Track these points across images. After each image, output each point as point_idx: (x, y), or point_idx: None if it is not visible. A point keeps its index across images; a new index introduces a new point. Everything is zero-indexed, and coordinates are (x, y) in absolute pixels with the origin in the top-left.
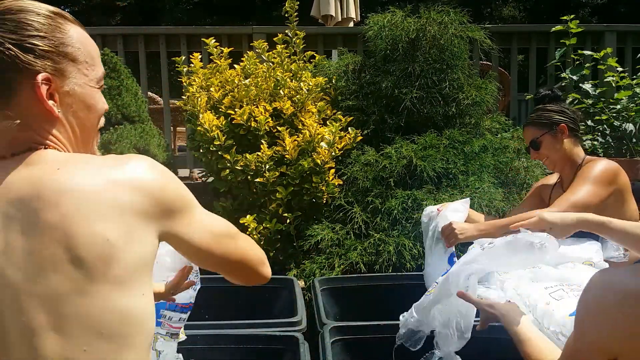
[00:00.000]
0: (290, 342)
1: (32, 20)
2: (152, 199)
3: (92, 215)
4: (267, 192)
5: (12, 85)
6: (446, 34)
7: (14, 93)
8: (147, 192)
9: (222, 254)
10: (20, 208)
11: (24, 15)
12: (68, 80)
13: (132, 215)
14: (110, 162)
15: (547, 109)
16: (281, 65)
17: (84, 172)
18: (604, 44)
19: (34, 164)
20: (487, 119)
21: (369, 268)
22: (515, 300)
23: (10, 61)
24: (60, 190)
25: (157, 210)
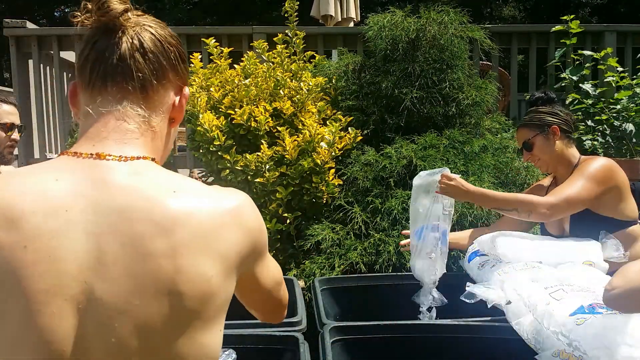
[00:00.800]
0: (290, 342)
1: (177, 39)
2: (252, 241)
3: (201, 250)
4: (267, 192)
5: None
6: (446, 34)
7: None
8: (250, 233)
9: (274, 298)
10: (124, 221)
11: (171, 31)
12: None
13: (233, 255)
14: (217, 195)
15: (539, 111)
16: (281, 65)
17: (199, 202)
18: (604, 44)
19: (143, 175)
20: (487, 119)
21: (369, 268)
22: (515, 301)
23: (172, 63)
24: (175, 218)
25: (251, 252)
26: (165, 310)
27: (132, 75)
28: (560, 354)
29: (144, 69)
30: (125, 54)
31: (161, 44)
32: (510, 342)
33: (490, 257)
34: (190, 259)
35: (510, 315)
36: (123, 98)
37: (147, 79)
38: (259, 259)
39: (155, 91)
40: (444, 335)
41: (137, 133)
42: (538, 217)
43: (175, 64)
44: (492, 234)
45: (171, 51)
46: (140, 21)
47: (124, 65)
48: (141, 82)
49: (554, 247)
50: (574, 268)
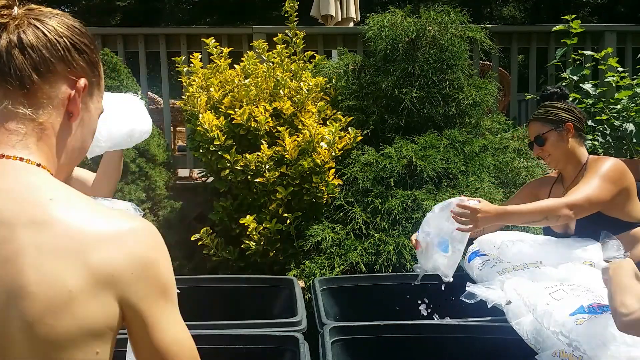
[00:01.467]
0: (290, 342)
1: (81, 27)
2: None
3: (64, 255)
4: (267, 192)
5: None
6: (446, 34)
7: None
8: (137, 259)
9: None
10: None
11: (73, 21)
12: (93, 98)
13: (106, 272)
14: (107, 213)
15: (555, 106)
16: (281, 65)
17: (74, 211)
18: (604, 44)
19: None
20: (487, 119)
21: (369, 268)
22: (515, 301)
23: (61, 54)
24: (45, 220)
25: (138, 282)
26: (21, 315)
27: (9, 72)
28: (560, 354)
29: (22, 65)
30: (2, 52)
31: (46, 37)
32: (510, 342)
33: (490, 257)
34: (47, 262)
35: (510, 315)
36: (4, 98)
37: (26, 75)
38: (152, 298)
39: (39, 87)
40: (444, 335)
41: (21, 133)
42: (565, 219)
43: (64, 54)
44: (492, 233)
45: (59, 42)
46: (28, 15)
47: (1, 64)
48: (19, 78)
49: (554, 247)
50: (574, 268)
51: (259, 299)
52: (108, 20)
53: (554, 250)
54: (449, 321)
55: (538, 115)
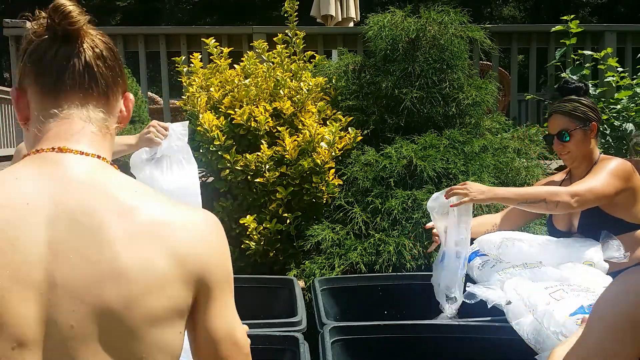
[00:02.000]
0: (290, 342)
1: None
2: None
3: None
4: (267, 192)
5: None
6: (446, 34)
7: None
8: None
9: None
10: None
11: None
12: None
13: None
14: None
15: (583, 103)
16: (281, 65)
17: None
18: (604, 44)
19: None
20: (487, 119)
21: (369, 268)
22: (515, 301)
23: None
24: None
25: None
26: (119, 296)
27: (97, 81)
28: None
29: (107, 75)
30: (90, 61)
31: (112, 53)
32: (510, 342)
33: (490, 257)
34: (139, 247)
35: (510, 315)
36: (88, 103)
37: (109, 84)
38: (222, 285)
39: (114, 96)
40: (444, 335)
41: (99, 135)
42: (564, 207)
43: (120, 71)
44: (493, 233)
45: (117, 58)
46: (89, 31)
47: (90, 72)
48: (104, 87)
49: (554, 247)
50: (574, 268)
51: (259, 299)
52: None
53: (554, 250)
54: (449, 321)
55: (565, 109)
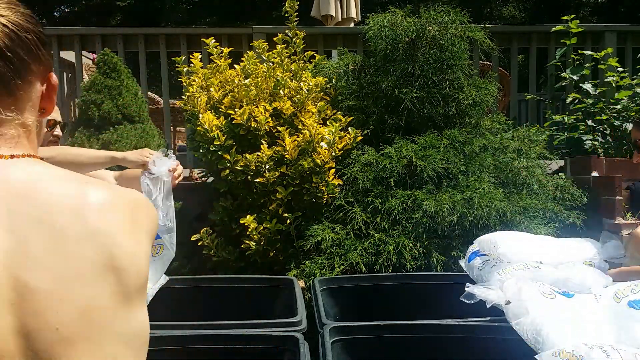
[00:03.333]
0: (290, 342)
1: (32, 14)
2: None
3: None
4: (267, 192)
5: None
6: (446, 34)
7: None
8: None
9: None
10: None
11: (24, 9)
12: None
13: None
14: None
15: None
16: (281, 65)
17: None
18: (604, 43)
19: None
20: (487, 119)
21: (369, 268)
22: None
23: (34, 53)
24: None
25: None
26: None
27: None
28: (560, 353)
29: (6, 72)
30: None
31: (17, 36)
32: (510, 342)
33: (490, 257)
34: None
35: (510, 315)
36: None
37: (12, 81)
38: None
39: (23, 91)
40: (443, 335)
41: (15, 136)
42: None
43: (36, 52)
44: (492, 233)
45: (29, 40)
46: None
47: None
48: (6, 86)
49: (554, 247)
50: (574, 268)
51: (259, 299)
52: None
53: (554, 249)
54: (449, 321)
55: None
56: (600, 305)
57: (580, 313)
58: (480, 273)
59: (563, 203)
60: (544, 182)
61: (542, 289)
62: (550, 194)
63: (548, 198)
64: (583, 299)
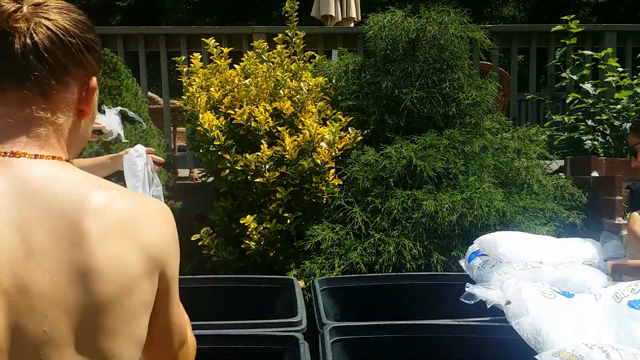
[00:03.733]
0: (290, 342)
1: (86, 20)
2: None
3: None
4: (267, 192)
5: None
6: (446, 34)
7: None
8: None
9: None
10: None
11: (78, 15)
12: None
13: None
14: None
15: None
16: (281, 65)
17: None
18: (604, 43)
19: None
20: (487, 119)
21: (369, 268)
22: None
23: (75, 57)
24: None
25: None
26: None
27: (28, 79)
28: (560, 353)
29: (41, 71)
30: (18, 58)
31: (60, 40)
32: (510, 342)
33: (490, 257)
34: (113, 245)
35: (510, 315)
36: (24, 103)
37: (45, 81)
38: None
39: (57, 91)
40: (443, 335)
41: (44, 135)
42: None
43: (78, 57)
44: (492, 233)
45: (72, 44)
46: (38, 13)
47: (18, 70)
48: (39, 85)
49: (554, 247)
50: (574, 268)
51: (259, 299)
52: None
53: (555, 250)
54: (449, 321)
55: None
56: (600, 305)
57: (580, 313)
58: (480, 273)
59: (563, 203)
60: (544, 182)
61: (542, 289)
62: (550, 194)
63: (548, 198)
64: (583, 299)
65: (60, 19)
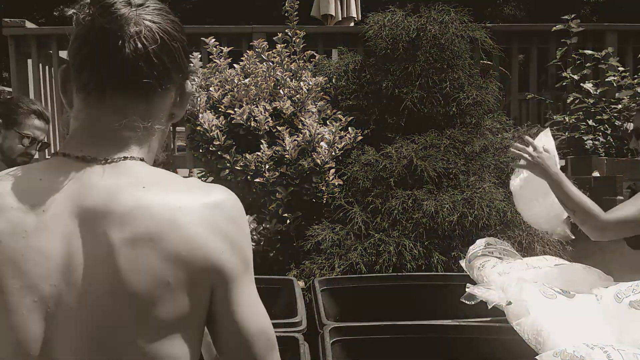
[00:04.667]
0: (290, 343)
1: (179, 22)
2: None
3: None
4: (267, 192)
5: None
6: (447, 34)
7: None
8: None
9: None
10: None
11: (173, 16)
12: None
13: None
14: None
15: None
16: (281, 65)
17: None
18: (604, 43)
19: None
20: (487, 119)
21: (369, 268)
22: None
23: (177, 63)
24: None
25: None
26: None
27: (135, 83)
28: (561, 354)
29: (149, 76)
30: (127, 60)
31: (166, 45)
32: (511, 343)
33: (490, 257)
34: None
35: (510, 315)
36: (124, 107)
37: (151, 86)
38: (239, 275)
39: (159, 97)
40: (444, 336)
41: (132, 140)
42: (588, 231)
43: (179, 61)
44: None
45: (175, 48)
46: (141, 15)
47: (126, 73)
48: (144, 89)
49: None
50: (575, 268)
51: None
52: None
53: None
54: (449, 321)
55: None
56: (601, 305)
57: (581, 313)
58: (481, 273)
59: None
60: None
61: (543, 290)
62: None
63: None
64: (584, 299)
65: (163, 22)
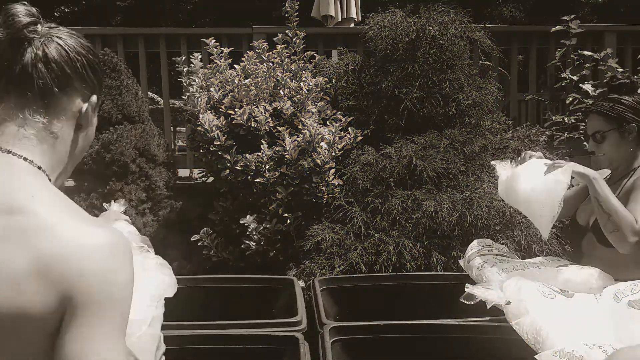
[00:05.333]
0: (290, 342)
1: (93, 48)
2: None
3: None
4: (267, 192)
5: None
6: (446, 34)
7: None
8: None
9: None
10: None
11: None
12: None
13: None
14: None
15: (622, 103)
16: (281, 65)
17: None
18: (604, 44)
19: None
20: (487, 119)
21: (369, 268)
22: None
23: (79, 71)
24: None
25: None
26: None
27: (33, 84)
28: (560, 353)
29: (45, 78)
30: (27, 64)
31: (67, 53)
32: (510, 342)
33: (490, 256)
34: (6, 247)
35: (509, 315)
36: (24, 106)
37: (48, 87)
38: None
39: (58, 98)
40: (443, 335)
41: (34, 140)
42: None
43: (82, 72)
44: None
45: (78, 60)
46: (50, 32)
47: (26, 75)
48: (41, 90)
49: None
50: (574, 268)
51: (259, 299)
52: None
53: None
54: (449, 321)
55: (602, 108)
56: (600, 305)
57: (580, 313)
58: (480, 273)
59: None
60: None
61: (542, 289)
62: None
63: None
64: (583, 298)
65: (70, 40)
